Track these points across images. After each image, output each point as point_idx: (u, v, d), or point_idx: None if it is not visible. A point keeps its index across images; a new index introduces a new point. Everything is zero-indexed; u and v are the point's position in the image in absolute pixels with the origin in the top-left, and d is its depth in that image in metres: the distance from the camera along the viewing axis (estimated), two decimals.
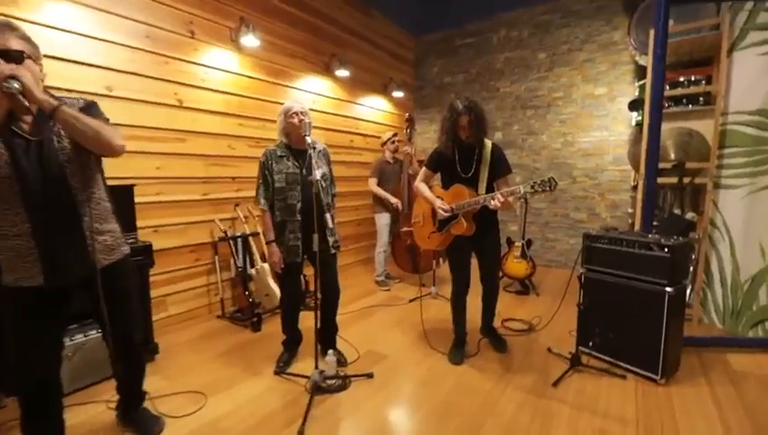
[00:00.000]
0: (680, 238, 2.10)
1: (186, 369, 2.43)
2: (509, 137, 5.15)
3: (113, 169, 2.59)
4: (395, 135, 4.12)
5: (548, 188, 1.97)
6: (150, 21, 2.81)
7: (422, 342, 2.78)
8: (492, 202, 2.11)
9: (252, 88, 3.57)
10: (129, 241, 2.36)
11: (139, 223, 2.80)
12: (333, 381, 2.20)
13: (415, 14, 5.24)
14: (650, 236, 2.17)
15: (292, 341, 2.50)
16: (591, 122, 4.58)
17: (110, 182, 2.50)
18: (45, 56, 2.35)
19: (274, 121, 3.79)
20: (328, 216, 2.08)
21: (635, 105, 3.59)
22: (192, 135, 3.11)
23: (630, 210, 3.97)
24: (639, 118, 3.52)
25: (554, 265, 4.94)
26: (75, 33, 2.46)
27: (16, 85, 1.21)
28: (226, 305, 3.37)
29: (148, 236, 2.87)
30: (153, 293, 2.94)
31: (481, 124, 2.21)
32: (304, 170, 2.24)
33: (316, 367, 2.12)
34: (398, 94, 5.35)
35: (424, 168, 2.48)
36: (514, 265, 3.90)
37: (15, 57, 1.28)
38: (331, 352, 2.29)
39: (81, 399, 2.08)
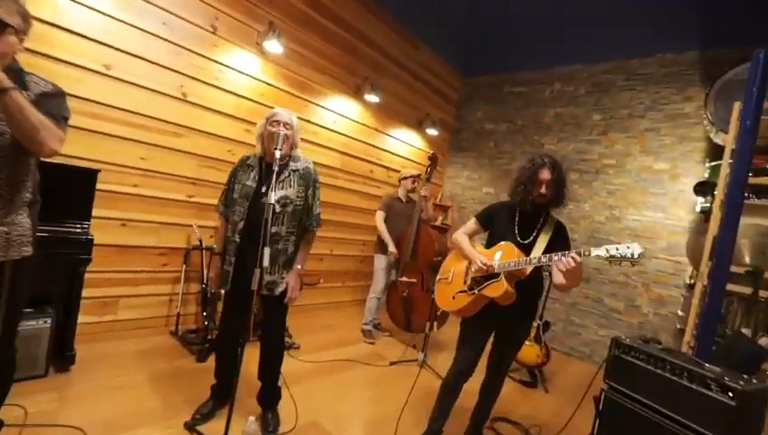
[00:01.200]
0: (753, 379, 1.47)
1: (90, 392, 2.03)
2: None
3: (82, 149, 2.38)
4: (418, 175, 3.72)
5: (630, 258, 1.54)
6: (172, 9, 2.67)
7: (387, 423, 2.23)
8: (561, 263, 1.64)
9: (269, 95, 3.35)
10: (67, 230, 2.08)
11: (106, 213, 2.56)
12: None
13: (465, 54, 4.97)
14: (708, 366, 1.54)
15: (219, 388, 2.05)
16: (645, 199, 3.95)
17: (76, 162, 2.33)
18: (52, 25, 2.26)
19: None
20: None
21: (703, 189, 2.99)
22: (190, 132, 2.89)
23: (681, 313, 3.24)
24: (707, 204, 2.91)
25: (576, 355, 4.18)
26: (85, 5, 2.33)
27: None
28: (185, 322, 2.99)
29: (113, 228, 2.60)
30: (102, 292, 2.64)
31: (561, 187, 1.86)
32: (263, 188, 1.86)
33: (226, 433, 1.65)
34: (432, 132, 5.01)
35: (473, 219, 2.10)
36: (525, 350, 3.25)
37: None
38: (252, 419, 1.82)
39: None
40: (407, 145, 4.91)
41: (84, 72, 2.38)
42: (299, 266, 2.00)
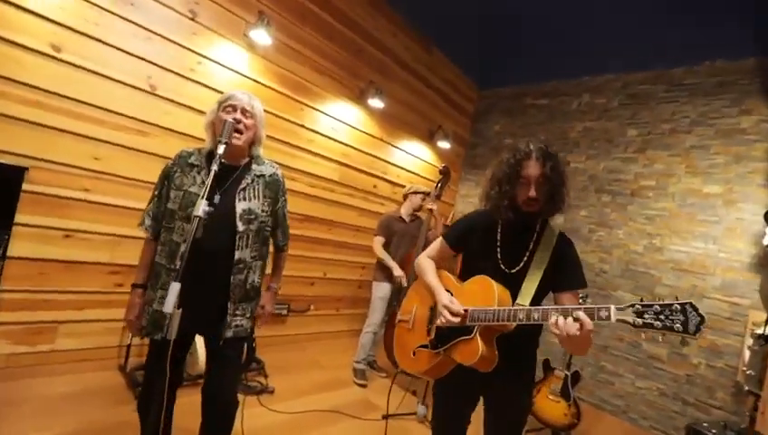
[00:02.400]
0: None
1: None
2: (573, 223, 4.03)
3: (15, 142, 1.97)
4: (428, 193, 3.23)
5: (682, 330, 0.94)
6: None
7: None
8: (557, 326, 1.07)
9: (257, 94, 2.89)
10: None
11: (45, 221, 2.13)
12: None
13: (481, 62, 4.53)
14: None
15: None
16: (693, 228, 3.36)
17: (5, 159, 1.91)
18: None
19: (277, 141, 3.20)
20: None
21: None
22: (159, 130, 2.48)
23: (748, 370, 2.60)
24: None
25: (608, 409, 3.52)
26: None
27: None
28: (140, 353, 2.50)
29: (54, 239, 2.17)
30: (37, 316, 2.19)
31: (559, 185, 1.26)
32: (216, 197, 1.37)
33: None
34: (444, 145, 4.54)
35: (440, 238, 1.53)
36: (548, 406, 2.66)
37: None
38: None
39: None
40: (416, 159, 4.44)
41: (28, 52, 2.00)
42: (275, 285, 1.67)
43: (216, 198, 1.37)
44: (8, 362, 2.12)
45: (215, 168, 1.24)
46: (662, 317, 0.97)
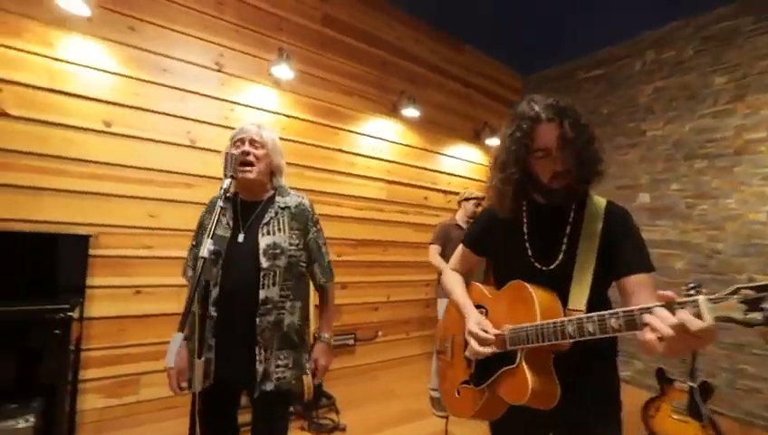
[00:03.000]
0: None
1: None
2: (663, 200, 3.42)
3: (80, 213, 2.16)
4: (482, 198, 2.97)
5: None
6: (171, 53, 2.49)
7: None
8: (650, 331, 0.71)
9: (290, 128, 2.99)
10: (51, 306, 1.78)
11: (115, 281, 2.30)
12: None
13: (522, 48, 4.19)
14: None
15: None
16: None
17: (61, 229, 2.10)
18: (40, 88, 2.17)
19: (316, 169, 3.20)
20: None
21: None
22: (202, 180, 2.60)
23: None
24: None
25: (760, 425, 2.78)
26: (78, 64, 2.22)
27: None
28: None
29: (126, 297, 2.33)
30: (120, 370, 2.33)
31: (586, 143, 0.96)
32: (240, 235, 1.33)
33: None
34: (493, 142, 4.22)
35: (460, 245, 1.30)
36: (675, 428, 2.15)
37: None
38: None
39: None
40: (465, 162, 4.18)
41: (84, 132, 2.22)
42: (326, 335, 1.46)
43: (241, 237, 1.33)
44: (101, 415, 2.27)
45: (220, 203, 1.18)
46: None
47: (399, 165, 3.65)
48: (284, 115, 2.96)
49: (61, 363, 1.82)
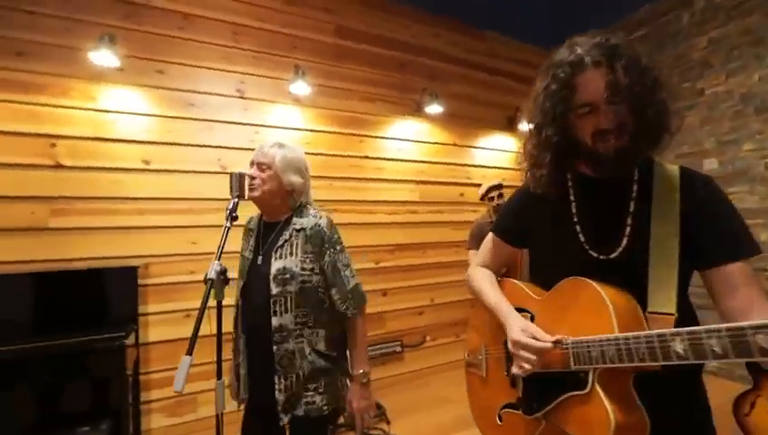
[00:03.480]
0: None
1: None
2: (734, 164, 2.98)
3: (124, 247, 2.34)
4: (499, 185, 2.82)
5: None
6: (196, 87, 2.64)
7: None
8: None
9: (315, 142, 3.04)
10: (109, 335, 1.94)
11: (166, 307, 2.46)
12: None
13: (551, 22, 3.92)
14: None
15: None
16: None
17: (113, 263, 2.28)
18: (86, 138, 2.40)
19: (342, 179, 3.20)
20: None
21: None
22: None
23: None
24: None
25: None
26: (117, 111, 2.43)
27: None
28: None
29: (177, 320, 2.48)
30: (189, 388, 2.47)
31: (649, 92, 0.75)
32: (259, 258, 1.33)
33: None
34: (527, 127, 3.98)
35: (489, 235, 1.10)
36: None
37: None
38: None
39: None
40: (499, 152, 3.98)
41: (126, 172, 2.43)
42: (359, 371, 1.29)
43: (259, 259, 1.33)
44: (166, 432, 2.42)
45: (227, 224, 1.21)
46: None
47: (429, 164, 3.56)
48: (308, 130, 3.02)
49: (120, 387, 1.98)
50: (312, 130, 3.03)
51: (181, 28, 2.62)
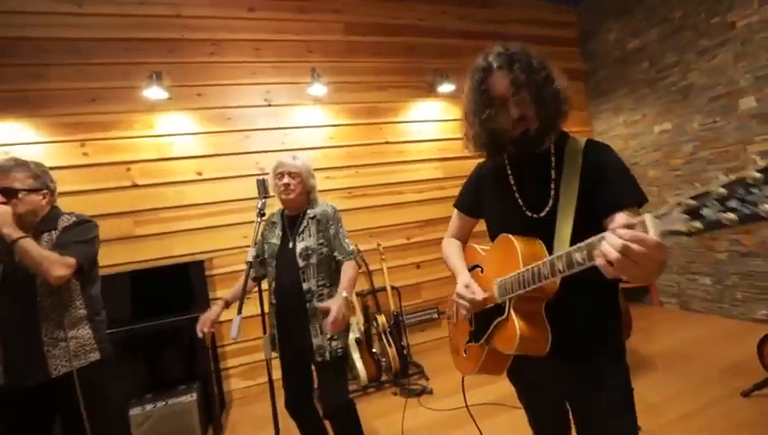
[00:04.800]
0: None
1: None
2: None
3: (191, 246, 2.84)
4: None
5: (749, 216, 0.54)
6: (229, 103, 3.05)
7: None
8: (600, 257, 0.71)
9: (339, 135, 3.34)
10: (189, 316, 2.45)
11: (224, 292, 2.94)
12: None
13: None
14: None
15: None
16: None
17: (186, 259, 2.80)
18: (151, 160, 2.91)
19: (367, 166, 3.49)
20: (310, 307, 1.55)
21: None
22: (273, 199, 3.11)
23: None
24: None
25: None
26: (171, 134, 2.91)
27: None
28: None
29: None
30: (250, 358, 3.00)
31: (542, 84, 0.96)
32: (290, 243, 1.72)
33: None
34: None
35: (454, 212, 1.33)
36: None
37: (9, 193, 1.45)
38: None
39: None
40: None
41: (185, 184, 2.92)
42: (344, 294, 1.61)
43: (290, 244, 1.73)
44: (243, 393, 2.96)
45: (258, 220, 1.58)
46: (733, 205, 0.56)
47: (449, 141, 3.71)
48: (330, 126, 3.33)
49: (204, 356, 2.49)
50: (333, 126, 3.34)
51: (212, 53, 3.03)
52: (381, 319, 3.07)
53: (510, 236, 1.02)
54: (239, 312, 1.41)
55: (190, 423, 2.36)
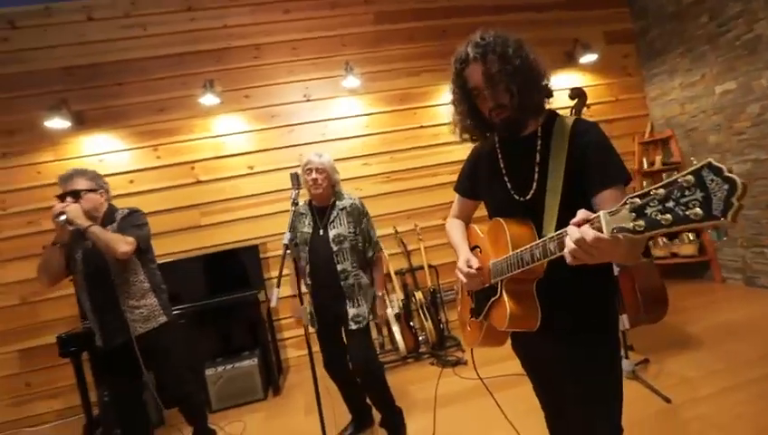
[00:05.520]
0: None
1: (287, 411, 2.60)
2: None
3: (247, 231, 3.22)
4: None
5: (702, 216, 0.54)
6: (273, 101, 3.35)
7: None
8: (567, 248, 0.77)
9: (374, 123, 3.51)
10: (248, 293, 2.84)
11: (277, 272, 3.31)
12: None
13: None
14: None
15: (352, 414, 2.19)
16: None
17: (243, 244, 3.18)
18: (211, 158, 3.32)
19: (403, 151, 3.62)
20: (345, 285, 1.89)
21: None
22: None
23: None
24: None
25: None
26: (224, 135, 3.29)
27: (62, 218, 1.74)
28: None
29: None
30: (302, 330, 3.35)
31: (521, 72, 1.00)
32: (321, 231, 1.98)
33: None
34: (589, 58, 3.73)
35: (456, 195, 1.39)
36: None
37: (75, 194, 1.86)
38: None
39: (229, 417, 2.60)
40: (561, 91, 3.83)
41: (238, 178, 3.30)
42: (379, 293, 2.09)
43: (321, 232, 1.99)
44: (297, 361, 3.35)
45: (292, 208, 1.83)
46: (670, 206, 0.59)
47: None
48: (365, 115, 3.50)
49: (262, 328, 2.88)
50: (368, 114, 3.51)
51: (255, 57, 3.33)
52: (419, 295, 3.26)
53: (501, 220, 1.07)
54: (278, 286, 1.65)
55: (253, 384, 2.78)
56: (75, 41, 3.12)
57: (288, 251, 1.79)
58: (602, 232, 0.68)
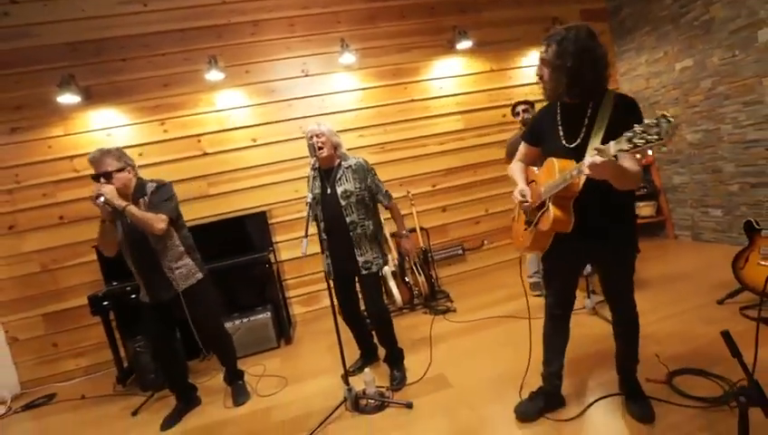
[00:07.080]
0: None
1: (296, 356, 2.97)
2: None
3: (254, 200, 3.48)
4: (525, 102, 3.19)
5: (657, 138, 1.03)
6: (272, 76, 3.53)
7: (514, 378, 2.03)
8: (583, 170, 1.27)
9: (368, 97, 3.75)
10: (257, 255, 3.14)
11: (291, 235, 3.62)
12: (366, 401, 2.12)
13: None
14: None
15: (361, 351, 2.58)
16: None
17: (249, 211, 3.44)
18: (216, 132, 3.51)
19: (395, 123, 3.88)
20: (354, 235, 2.16)
21: None
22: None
23: None
24: None
25: None
26: (228, 108, 3.47)
27: (101, 199, 1.96)
28: None
29: (296, 246, 3.61)
30: (307, 289, 3.70)
31: (568, 66, 1.34)
32: (329, 190, 2.25)
33: (346, 383, 2.11)
34: None
35: (522, 142, 1.78)
36: (762, 273, 2.21)
37: (107, 176, 2.05)
38: (367, 370, 2.20)
39: (248, 363, 2.92)
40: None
41: (242, 150, 3.52)
42: (404, 232, 2.43)
43: (329, 190, 2.26)
44: (304, 317, 3.70)
45: (311, 173, 2.12)
46: (644, 136, 1.03)
47: (470, 94, 3.99)
48: (360, 89, 3.73)
49: (271, 287, 3.20)
50: (363, 89, 3.74)
51: (253, 33, 3.48)
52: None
53: (553, 159, 1.49)
54: (306, 235, 1.94)
55: (267, 334, 3.12)
56: (76, 16, 3.19)
57: (310, 208, 2.07)
58: (611, 155, 1.15)
